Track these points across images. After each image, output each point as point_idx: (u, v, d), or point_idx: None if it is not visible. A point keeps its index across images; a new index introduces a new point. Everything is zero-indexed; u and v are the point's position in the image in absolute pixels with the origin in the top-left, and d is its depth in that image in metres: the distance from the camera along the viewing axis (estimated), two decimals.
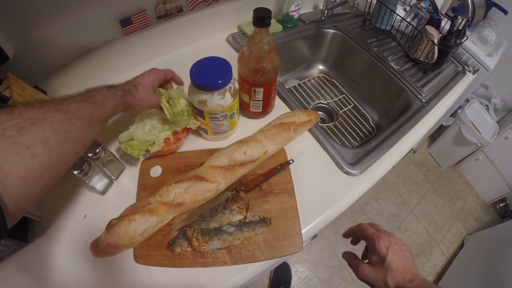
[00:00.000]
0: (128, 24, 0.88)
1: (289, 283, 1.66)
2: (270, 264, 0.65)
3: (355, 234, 0.58)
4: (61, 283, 0.61)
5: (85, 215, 0.70)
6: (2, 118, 0.36)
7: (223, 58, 0.67)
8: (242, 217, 0.64)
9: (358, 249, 0.59)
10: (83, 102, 0.48)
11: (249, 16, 1.09)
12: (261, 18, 0.62)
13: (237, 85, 0.70)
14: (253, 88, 0.72)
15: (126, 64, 0.96)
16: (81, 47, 0.87)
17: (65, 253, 0.65)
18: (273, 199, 0.69)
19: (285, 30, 1.14)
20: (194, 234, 0.60)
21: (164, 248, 0.63)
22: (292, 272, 1.71)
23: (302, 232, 0.66)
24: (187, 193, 0.63)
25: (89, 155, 0.66)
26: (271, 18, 0.64)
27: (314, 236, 0.77)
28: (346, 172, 0.77)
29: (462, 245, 1.94)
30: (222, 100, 0.66)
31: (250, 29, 1.08)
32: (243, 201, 0.65)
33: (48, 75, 0.84)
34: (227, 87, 0.65)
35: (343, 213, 0.73)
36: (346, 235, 0.61)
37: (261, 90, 0.73)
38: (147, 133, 0.70)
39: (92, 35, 0.86)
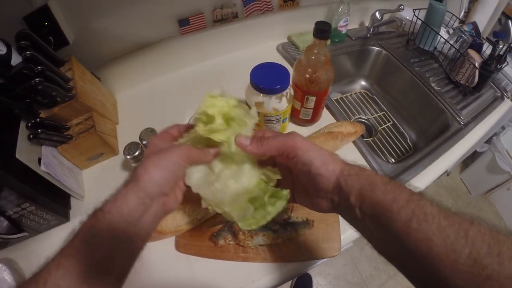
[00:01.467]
0: (185, 24, 0.93)
1: None
2: (307, 265, 0.67)
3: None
4: None
5: None
6: None
7: (282, 65, 0.69)
8: (287, 216, 0.66)
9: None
10: (62, 263, 0.32)
11: (299, 28, 1.16)
12: (322, 31, 0.65)
13: (292, 92, 0.73)
14: (306, 96, 0.75)
15: (179, 62, 1.01)
16: (138, 41, 0.91)
17: None
18: None
19: (332, 44, 1.17)
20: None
21: (207, 239, 0.66)
22: (313, 284, 1.70)
23: (342, 238, 0.68)
24: None
25: (144, 142, 0.70)
26: (330, 32, 0.67)
27: (350, 244, 0.78)
28: None
29: None
30: (278, 104, 0.69)
31: (300, 41, 1.12)
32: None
33: (103, 64, 0.89)
34: (284, 92, 0.68)
35: None
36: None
37: (314, 98, 0.75)
38: (236, 182, 0.43)
39: (149, 31, 0.91)
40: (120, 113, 0.90)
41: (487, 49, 1.07)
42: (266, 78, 0.66)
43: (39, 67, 0.61)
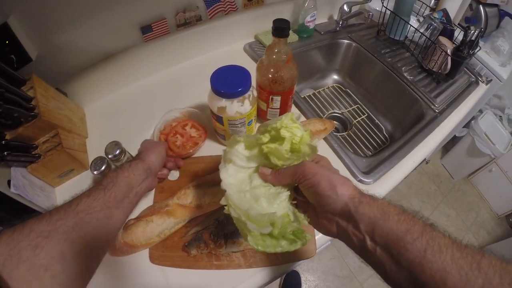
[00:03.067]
0: (148, 31, 0.91)
1: None
2: (283, 269, 0.66)
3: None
4: None
5: None
6: (15, 238, 0.35)
7: (242, 67, 0.68)
8: None
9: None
10: (92, 194, 0.45)
11: (265, 26, 1.15)
12: (281, 29, 0.64)
13: (255, 93, 0.72)
14: (270, 96, 0.74)
15: (145, 70, 0.99)
16: (102, 52, 0.89)
17: None
18: None
19: (300, 40, 1.16)
20: (211, 236, 0.61)
21: (180, 249, 0.64)
22: (302, 281, 1.71)
23: (316, 238, 0.67)
24: (205, 197, 0.65)
25: (109, 156, 0.68)
26: (289, 29, 0.66)
27: (327, 243, 0.78)
28: (360, 181, 0.78)
29: None
30: (241, 107, 0.68)
31: (266, 39, 1.11)
32: None
33: (69, 78, 0.86)
34: (246, 95, 0.67)
35: None
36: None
37: (279, 98, 0.74)
38: (267, 202, 0.44)
39: (113, 41, 0.89)
40: (89, 126, 0.88)
41: (459, 35, 1.08)
42: (226, 82, 0.65)
43: None
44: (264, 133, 0.48)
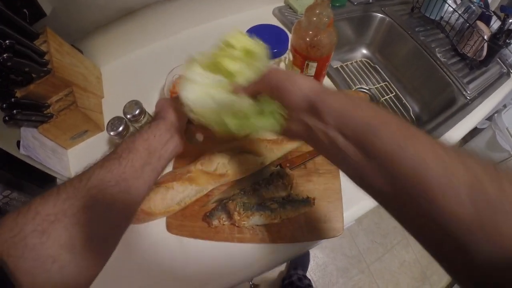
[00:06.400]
0: None
1: (307, 267, 1.65)
2: (307, 246, 0.63)
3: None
4: None
5: None
6: (19, 222, 0.31)
7: (280, 27, 0.63)
8: (286, 194, 0.61)
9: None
10: (105, 164, 0.39)
11: None
12: None
13: (291, 57, 0.67)
14: (306, 62, 0.69)
15: (167, 29, 0.94)
16: (121, 8, 0.83)
17: None
18: (317, 179, 0.66)
19: (332, 9, 1.07)
20: (237, 207, 0.57)
21: (200, 219, 0.61)
22: (311, 257, 1.71)
23: (344, 215, 0.64)
24: (231, 164, 0.60)
25: (128, 116, 0.64)
26: None
27: (352, 222, 0.74)
28: None
29: None
30: None
31: (297, 4, 1.04)
32: (289, 177, 0.62)
33: (85, 35, 0.82)
34: (282, 57, 0.62)
35: None
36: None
37: (315, 65, 0.69)
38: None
39: None
40: (105, 86, 0.84)
41: (494, 23, 1.02)
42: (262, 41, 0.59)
43: (7, 41, 0.54)
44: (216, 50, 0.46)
